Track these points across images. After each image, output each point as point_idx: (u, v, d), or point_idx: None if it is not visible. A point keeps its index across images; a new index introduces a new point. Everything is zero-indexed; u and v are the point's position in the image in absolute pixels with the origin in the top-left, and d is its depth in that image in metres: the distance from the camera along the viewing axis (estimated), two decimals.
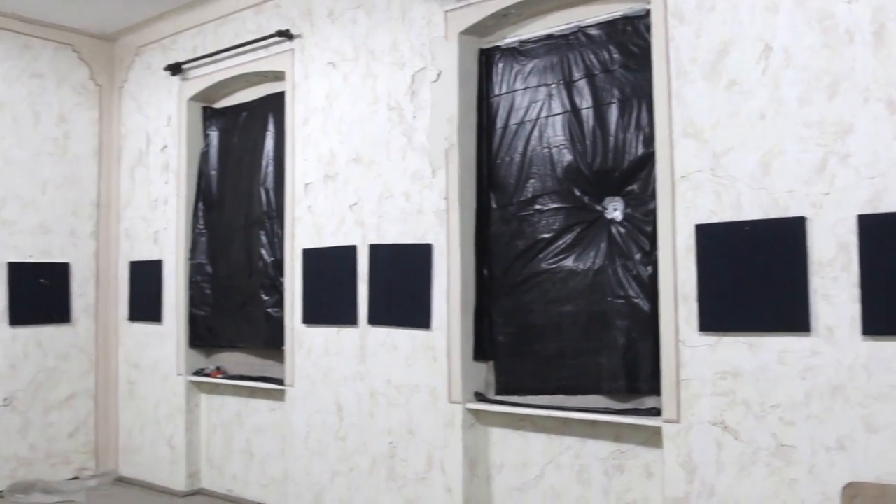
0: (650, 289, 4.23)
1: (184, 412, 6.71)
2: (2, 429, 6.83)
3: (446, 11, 5.04)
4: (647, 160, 4.28)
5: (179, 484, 6.71)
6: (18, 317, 6.93)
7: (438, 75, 5.05)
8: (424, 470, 5.04)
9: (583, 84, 4.61)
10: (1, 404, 6.83)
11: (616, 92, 4.47)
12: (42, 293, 7.09)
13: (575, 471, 4.54)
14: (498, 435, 4.89)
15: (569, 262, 4.61)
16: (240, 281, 6.48)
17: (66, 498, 6.62)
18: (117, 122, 7.54)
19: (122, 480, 7.23)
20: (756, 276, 3.73)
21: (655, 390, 4.17)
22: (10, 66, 7.01)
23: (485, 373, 5.00)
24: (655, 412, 4.16)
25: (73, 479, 7.14)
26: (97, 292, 7.46)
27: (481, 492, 4.91)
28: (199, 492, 6.72)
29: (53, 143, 7.25)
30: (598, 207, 4.52)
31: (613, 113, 4.48)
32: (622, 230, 4.43)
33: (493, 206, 4.95)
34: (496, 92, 5.00)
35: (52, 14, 6.98)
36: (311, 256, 5.75)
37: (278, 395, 6.06)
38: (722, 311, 3.82)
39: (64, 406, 7.21)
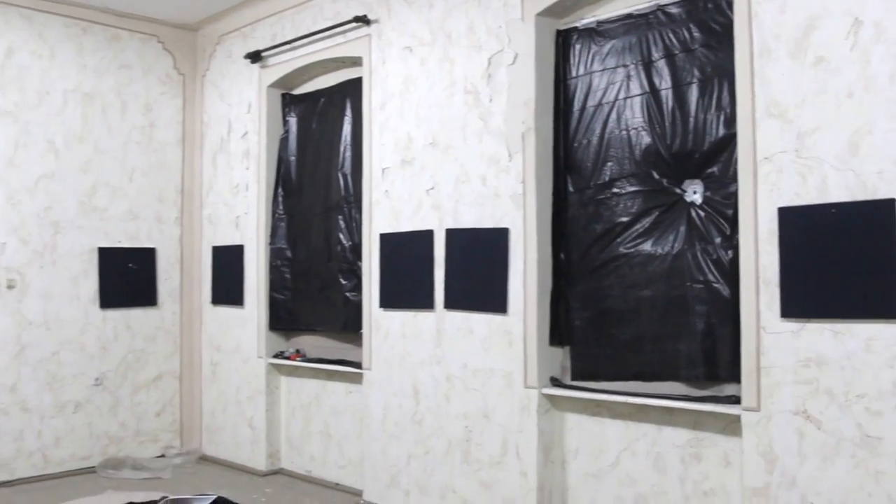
0: (730, 273, 4.13)
1: (264, 394, 6.87)
2: (94, 407, 7.13)
3: None
4: (729, 141, 4.16)
5: (260, 463, 6.89)
6: (109, 300, 7.21)
7: (515, 58, 5.01)
8: (499, 454, 5.04)
9: (662, 64, 4.51)
10: (93, 384, 7.12)
11: (696, 72, 4.36)
12: (130, 277, 7.36)
13: (651, 458, 4.48)
14: (573, 420, 4.86)
15: (647, 246, 4.53)
16: (318, 265, 6.59)
17: (153, 474, 6.86)
18: (200, 110, 7.74)
19: (205, 459, 7.45)
20: (842, 260, 3.59)
21: (735, 377, 4.07)
22: (99, 57, 7.26)
23: (561, 358, 4.97)
24: (735, 400, 4.06)
25: (159, 456, 7.40)
26: (182, 276, 7.70)
27: (556, 477, 4.89)
28: (279, 471, 6.88)
29: (140, 131, 7.49)
30: (678, 190, 4.43)
31: (693, 93, 4.37)
32: (702, 213, 4.32)
33: (570, 189, 4.90)
34: (573, 74, 4.93)
35: (138, 6, 7.20)
36: (388, 241, 5.80)
37: (356, 378, 6.14)
38: (805, 297, 3.70)
39: (151, 386, 7.47)
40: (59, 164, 7.01)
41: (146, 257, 7.46)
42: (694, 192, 4.36)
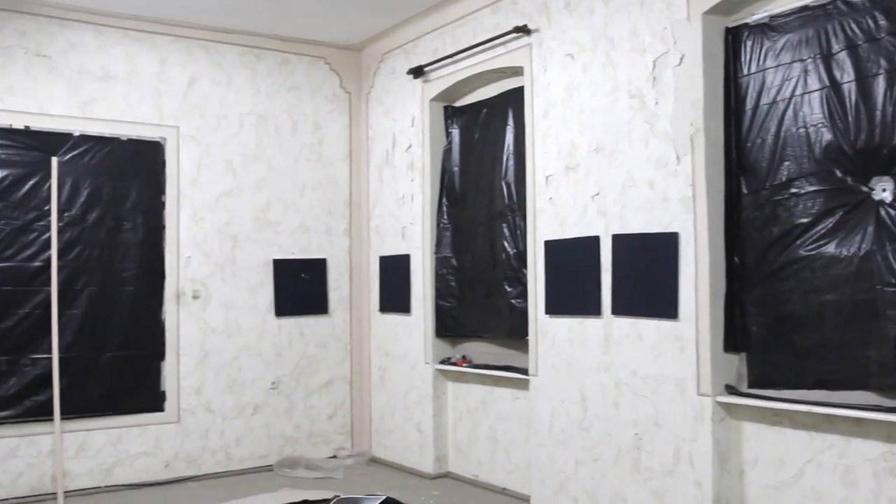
0: None
1: (431, 399, 7.03)
2: (271, 410, 7.53)
3: None
4: None
5: (428, 467, 7.05)
6: (283, 308, 7.61)
7: (681, 59, 4.92)
8: (672, 463, 4.94)
9: (843, 56, 4.29)
10: (270, 387, 7.52)
11: (882, 62, 4.13)
12: (303, 287, 7.73)
13: (839, 471, 4.25)
14: (751, 430, 4.69)
15: (830, 248, 4.32)
16: (483, 273, 6.68)
17: (326, 474, 7.15)
18: (365, 126, 8.04)
19: (375, 461, 7.70)
20: None
21: None
22: (271, 81, 7.69)
23: (736, 365, 4.81)
24: None
25: (331, 457, 7.72)
26: (351, 285, 8.02)
27: (733, 488, 4.73)
28: (447, 475, 7.01)
29: (310, 149, 7.87)
30: (864, 188, 4.20)
31: (880, 85, 4.13)
32: (892, 212, 4.08)
33: (744, 191, 4.74)
34: (744, 72, 4.78)
35: (306, 31, 7.58)
36: (553, 247, 5.82)
37: (522, 385, 6.18)
38: None
39: (323, 390, 7.81)
40: (236, 183, 7.48)
41: (317, 268, 7.82)
42: (883, 190, 4.12)
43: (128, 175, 6.99)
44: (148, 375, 6.99)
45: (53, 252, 6.59)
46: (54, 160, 6.66)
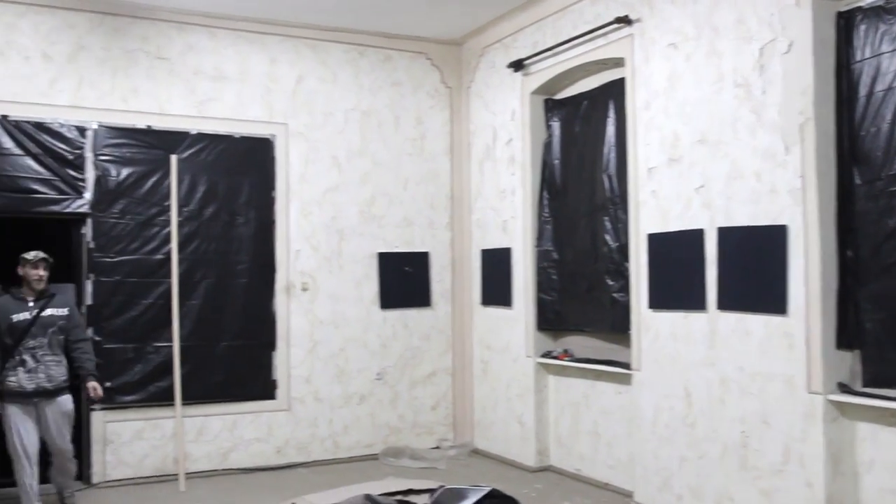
0: None
1: (533, 392, 7.06)
2: (376, 400, 7.71)
3: None
4: None
5: (529, 460, 7.08)
6: (388, 301, 7.79)
7: (790, 46, 4.77)
8: (781, 462, 4.81)
9: None
10: (375, 378, 7.70)
11: None
12: (406, 279, 7.88)
13: None
14: (866, 430, 4.52)
15: None
16: (585, 266, 6.65)
17: (429, 464, 7.28)
18: (466, 120, 8.10)
19: (477, 452, 7.79)
20: None
21: None
22: (374, 77, 7.85)
23: (849, 362, 4.64)
24: None
25: (434, 447, 7.85)
26: (453, 278, 8.11)
27: (846, 490, 4.57)
28: (548, 468, 7.03)
29: (412, 143, 7.99)
30: None
31: None
32: None
33: (857, 181, 4.56)
34: (857, 57, 4.59)
35: (407, 27, 7.69)
36: (656, 241, 5.74)
37: (624, 379, 6.13)
38: None
39: (426, 382, 7.94)
40: (342, 178, 7.67)
41: (420, 261, 7.96)
42: None
43: (240, 171, 7.28)
44: (260, 365, 7.28)
45: (174, 245, 6.93)
46: (173, 158, 6.99)
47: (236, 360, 7.16)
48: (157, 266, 6.91)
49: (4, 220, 6.70)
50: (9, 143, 6.47)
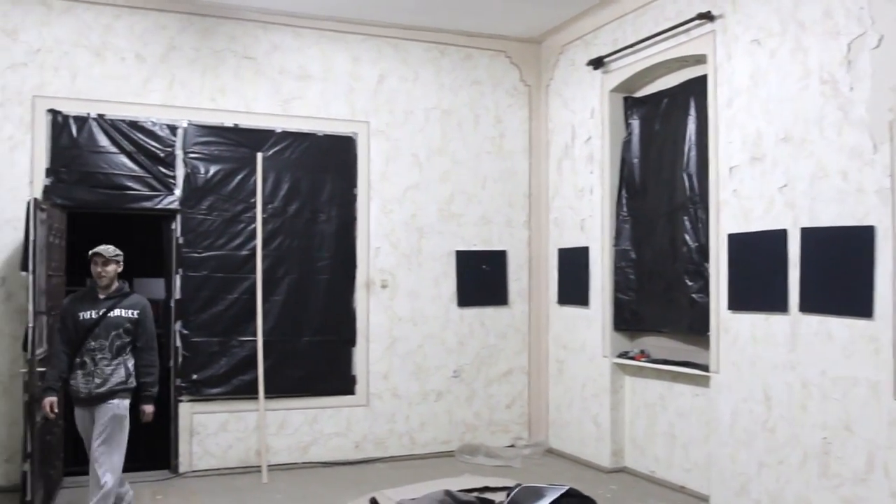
0: None
1: (609, 392, 7.01)
2: (453, 397, 7.78)
3: None
4: None
5: (604, 460, 7.03)
6: (465, 299, 7.85)
7: (880, 40, 4.61)
8: (864, 471, 4.66)
9: None
10: (452, 375, 7.77)
11: None
12: (483, 278, 7.92)
13: None
14: None
15: None
16: (663, 266, 6.57)
17: (504, 462, 7.30)
18: (545, 119, 8.09)
19: (551, 452, 7.78)
20: None
21: None
22: (454, 76, 7.91)
23: None
24: None
25: (509, 446, 7.86)
26: (530, 277, 8.12)
27: None
28: (623, 470, 6.97)
29: (491, 142, 8.03)
30: None
31: None
32: None
33: None
34: None
35: (487, 25, 7.73)
36: (736, 241, 5.64)
37: (702, 381, 6.04)
38: None
39: (502, 380, 7.97)
40: (422, 176, 7.76)
41: (498, 259, 7.99)
42: None
43: (323, 169, 7.44)
44: (340, 360, 7.43)
45: (258, 242, 7.14)
46: (259, 155, 7.20)
47: (317, 356, 7.32)
48: (242, 262, 7.12)
49: (99, 215, 7.01)
50: (105, 141, 6.76)
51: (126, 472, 5.48)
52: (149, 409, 5.29)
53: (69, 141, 6.64)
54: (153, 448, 7.08)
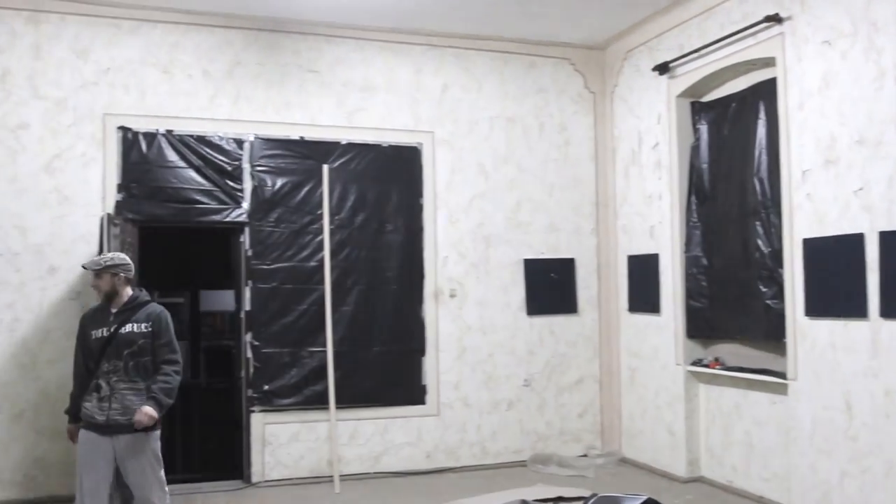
0: None
1: (683, 401, 6.91)
2: (524, 406, 7.77)
3: None
4: None
5: (679, 470, 6.93)
6: (534, 307, 7.83)
7: None
8: None
9: None
10: (522, 384, 7.76)
11: None
12: (552, 286, 7.88)
13: None
14: None
15: None
16: (736, 272, 6.45)
17: (577, 472, 7.24)
18: (610, 125, 8.03)
19: (624, 461, 7.69)
20: None
21: None
22: (518, 84, 7.92)
23: None
24: None
25: (582, 455, 7.80)
26: (599, 285, 8.06)
27: None
28: (699, 479, 6.85)
29: (557, 150, 8.01)
30: None
31: None
32: None
33: None
34: None
35: (551, 33, 7.73)
36: (811, 246, 5.51)
37: (779, 389, 5.91)
38: None
39: (573, 389, 7.92)
40: (488, 185, 7.79)
41: (566, 267, 7.95)
42: None
43: (389, 179, 7.52)
44: (410, 370, 7.48)
45: (326, 253, 7.25)
46: (325, 167, 7.32)
47: (387, 366, 7.38)
48: (310, 273, 7.23)
49: (166, 230, 7.22)
50: (173, 157, 6.96)
51: (197, 482, 5.44)
52: (148, 410, 4.43)
53: (139, 157, 6.85)
54: (224, 458, 7.24)
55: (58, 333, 6.48)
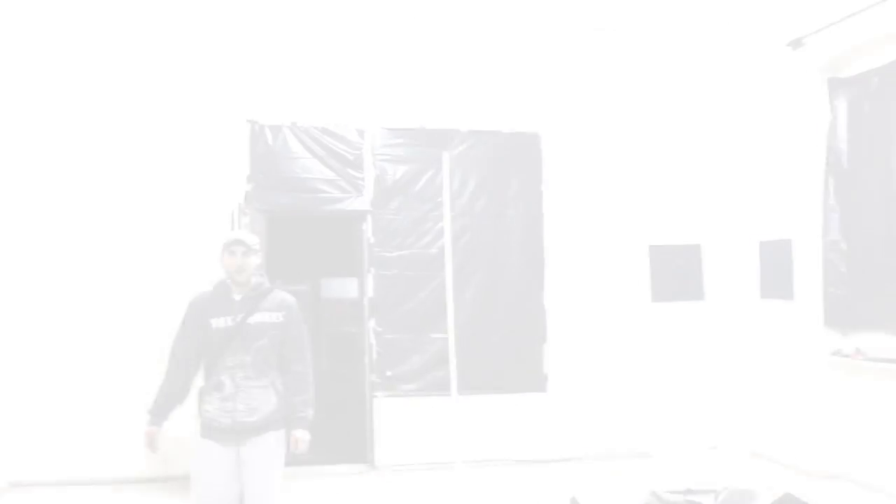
0: None
1: (820, 392, 6.57)
2: (648, 395, 7.56)
3: None
4: None
5: (816, 465, 6.58)
6: (659, 294, 7.65)
7: None
8: None
9: None
10: (646, 373, 7.55)
11: None
12: (677, 272, 7.69)
13: None
14: None
15: None
16: (880, 257, 6.09)
17: (706, 464, 6.96)
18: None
19: (756, 455, 7.31)
20: None
21: None
22: (636, 68, 7.71)
23: None
24: None
25: (710, 448, 7.50)
26: (728, 270, 7.72)
27: None
28: (839, 476, 6.48)
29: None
30: None
31: None
32: None
33: None
34: None
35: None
36: None
37: None
38: None
39: (700, 378, 7.65)
40: (609, 171, 7.66)
41: (692, 253, 7.70)
42: None
43: (508, 167, 7.46)
44: (531, 357, 7.41)
45: (447, 240, 7.16)
46: (445, 155, 7.25)
47: (508, 353, 7.34)
48: (431, 260, 7.25)
49: (284, 219, 7.35)
50: (297, 147, 7.11)
51: (322, 464, 5.42)
52: (304, 436, 4.08)
53: (265, 148, 7.05)
54: (347, 442, 7.33)
55: None
